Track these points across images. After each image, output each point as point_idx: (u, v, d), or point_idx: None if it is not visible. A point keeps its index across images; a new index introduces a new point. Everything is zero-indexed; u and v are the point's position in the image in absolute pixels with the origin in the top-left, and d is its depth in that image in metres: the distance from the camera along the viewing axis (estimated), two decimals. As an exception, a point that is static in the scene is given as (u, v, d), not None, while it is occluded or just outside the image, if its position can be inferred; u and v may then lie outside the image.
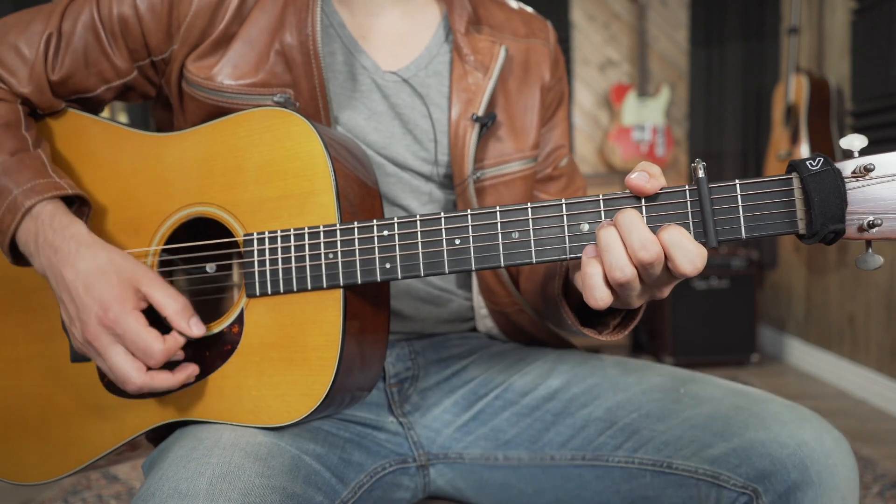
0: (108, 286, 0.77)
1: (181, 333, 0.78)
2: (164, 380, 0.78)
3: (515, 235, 0.73)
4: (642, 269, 0.66)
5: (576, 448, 0.91)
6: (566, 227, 0.71)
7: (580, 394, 0.93)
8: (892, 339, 2.89)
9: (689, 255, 0.65)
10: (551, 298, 0.85)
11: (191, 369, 0.80)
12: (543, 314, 0.97)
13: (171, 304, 0.78)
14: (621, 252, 0.66)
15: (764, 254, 3.86)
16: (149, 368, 0.77)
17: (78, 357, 0.88)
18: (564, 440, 0.91)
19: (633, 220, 0.66)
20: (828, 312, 3.38)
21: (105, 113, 1.00)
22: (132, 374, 0.76)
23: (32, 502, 2.18)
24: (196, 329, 0.78)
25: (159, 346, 0.76)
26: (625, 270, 0.66)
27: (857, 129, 3.07)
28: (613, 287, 0.68)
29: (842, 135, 3.19)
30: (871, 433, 2.69)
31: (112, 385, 0.86)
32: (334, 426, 0.90)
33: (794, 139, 3.23)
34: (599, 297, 0.68)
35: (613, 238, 0.67)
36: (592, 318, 0.85)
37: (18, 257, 0.86)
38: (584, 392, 0.93)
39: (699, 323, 3.51)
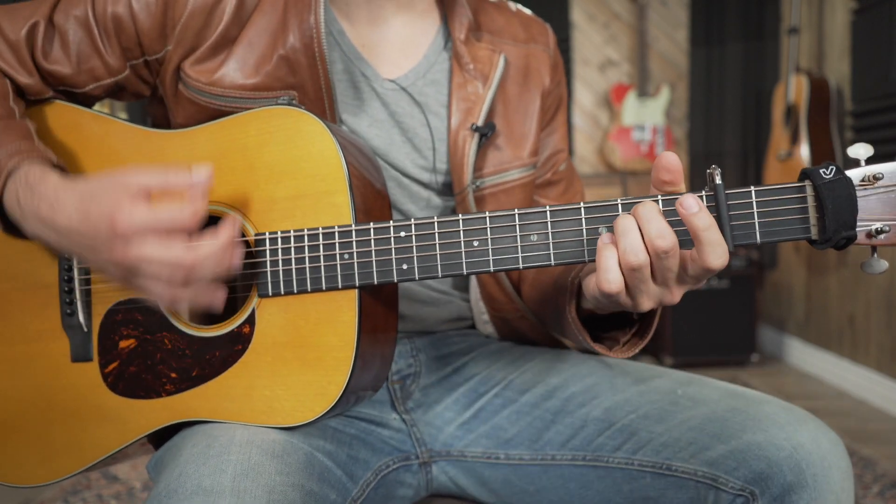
0: (101, 204, 0.73)
1: (188, 190, 0.72)
2: (210, 244, 0.71)
3: (534, 238, 0.74)
4: (656, 258, 0.69)
5: (576, 448, 0.91)
6: (584, 231, 0.73)
7: (578, 392, 0.93)
8: (892, 339, 2.90)
9: (719, 248, 0.68)
10: (562, 313, 0.85)
11: (228, 225, 0.72)
12: (547, 322, 0.97)
13: (162, 172, 0.73)
14: (637, 237, 0.69)
15: (764, 254, 3.86)
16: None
17: (79, 357, 0.87)
18: (564, 440, 0.92)
19: (653, 210, 0.69)
20: (828, 312, 3.39)
21: (106, 109, 0.99)
22: (178, 255, 0.70)
23: (32, 502, 2.17)
24: (197, 174, 0.71)
25: (179, 211, 0.70)
26: (638, 255, 0.68)
27: (857, 129, 3.07)
28: (625, 273, 0.70)
29: (842, 135, 3.19)
30: (871, 433, 2.69)
31: (116, 385, 0.85)
32: (340, 423, 0.90)
33: (794, 139, 3.23)
34: (612, 279, 0.70)
35: (631, 224, 0.69)
36: (602, 333, 0.86)
37: (9, 226, 0.83)
38: (583, 391, 0.93)
39: (699, 323, 3.51)
